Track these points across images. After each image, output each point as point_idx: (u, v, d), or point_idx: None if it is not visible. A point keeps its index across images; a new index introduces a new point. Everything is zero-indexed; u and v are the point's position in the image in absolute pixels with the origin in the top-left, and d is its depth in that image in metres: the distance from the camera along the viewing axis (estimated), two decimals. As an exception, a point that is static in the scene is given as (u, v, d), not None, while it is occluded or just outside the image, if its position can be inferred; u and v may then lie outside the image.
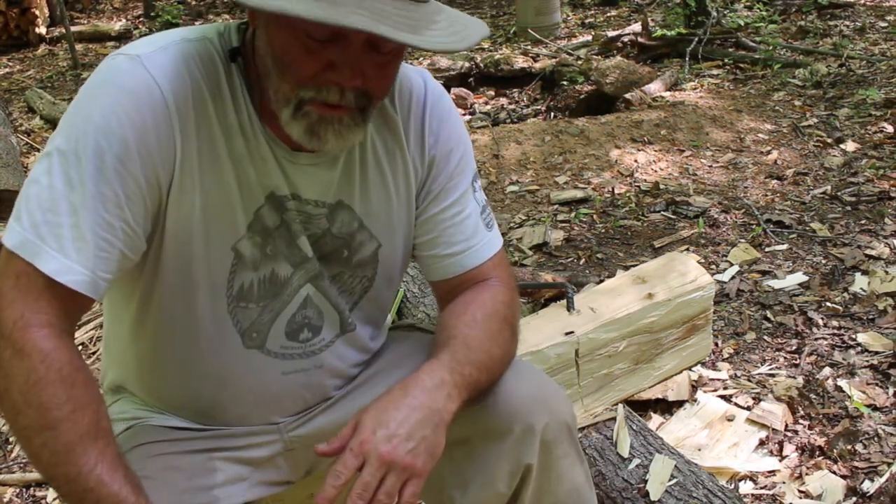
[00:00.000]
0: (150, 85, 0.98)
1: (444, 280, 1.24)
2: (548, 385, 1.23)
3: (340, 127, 1.00)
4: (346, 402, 1.27)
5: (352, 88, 0.98)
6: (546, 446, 1.16)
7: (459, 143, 1.23)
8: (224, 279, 1.10)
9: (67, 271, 0.95)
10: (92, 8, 11.09)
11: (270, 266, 1.12)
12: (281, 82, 0.99)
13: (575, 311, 1.98)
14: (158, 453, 1.14)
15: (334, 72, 0.96)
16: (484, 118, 5.58)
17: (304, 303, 1.17)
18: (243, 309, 1.13)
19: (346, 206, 1.16)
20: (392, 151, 1.18)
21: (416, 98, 1.20)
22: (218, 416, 1.21)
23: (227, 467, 1.18)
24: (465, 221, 1.22)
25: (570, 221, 3.48)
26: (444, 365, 1.08)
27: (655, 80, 5.21)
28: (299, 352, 1.19)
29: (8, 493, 2.09)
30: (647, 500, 1.72)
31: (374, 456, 0.99)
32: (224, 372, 1.17)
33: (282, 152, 1.08)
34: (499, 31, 8.16)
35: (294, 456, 1.27)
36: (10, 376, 0.94)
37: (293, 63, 0.97)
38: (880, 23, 6.52)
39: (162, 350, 1.16)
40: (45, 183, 0.96)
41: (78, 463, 0.94)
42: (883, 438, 1.96)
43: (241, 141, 1.06)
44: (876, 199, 3.38)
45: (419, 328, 1.43)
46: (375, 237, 1.20)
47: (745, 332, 2.51)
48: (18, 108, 6.43)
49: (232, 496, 1.17)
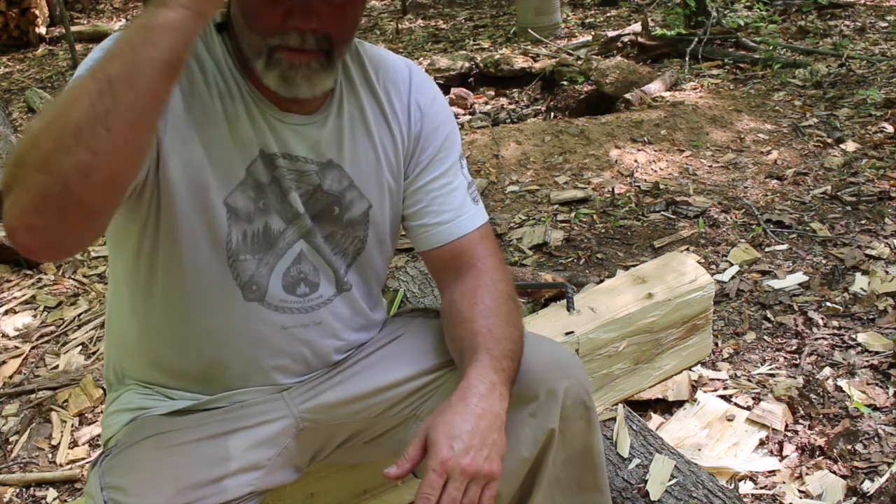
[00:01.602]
0: None
1: (434, 249, 1.29)
2: (563, 351, 1.29)
3: (309, 72, 1.09)
4: (355, 380, 1.30)
5: (310, 31, 1.07)
6: (566, 409, 1.19)
7: (446, 122, 1.31)
8: (223, 233, 1.15)
9: None
10: (92, 8, 11.09)
11: (264, 219, 1.18)
12: (251, 34, 1.09)
13: (575, 311, 1.98)
14: (166, 445, 1.14)
15: (293, 17, 1.06)
16: (484, 118, 5.58)
17: (298, 258, 1.22)
18: (242, 262, 1.18)
19: (336, 166, 1.22)
20: (379, 118, 1.26)
21: (401, 77, 1.29)
22: (220, 377, 1.24)
23: (238, 455, 1.19)
24: (453, 192, 1.29)
25: (570, 221, 3.48)
26: (487, 366, 1.12)
27: (655, 80, 5.22)
28: (298, 306, 1.24)
29: (8, 493, 2.09)
30: (647, 500, 1.72)
31: (458, 471, 1.03)
32: (225, 326, 1.20)
33: (272, 112, 1.16)
34: (499, 31, 8.16)
35: (304, 437, 1.28)
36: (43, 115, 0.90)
37: (258, 15, 1.07)
38: (880, 23, 6.53)
39: (164, 313, 1.20)
40: None
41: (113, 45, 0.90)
42: (883, 438, 1.96)
43: (230, 102, 1.14)
44: (876, 199, 3.38)
45: (423, 310, 1.46)
46: (366, 197, 1.26)
47: (745, 332, 2.51)
48: (18, 108, 6.44)
49: (241, 487, 1.17)
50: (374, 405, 1.30)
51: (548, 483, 1.22)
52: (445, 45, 7.87)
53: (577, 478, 1.26)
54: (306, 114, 1.18)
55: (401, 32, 8.93)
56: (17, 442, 2.28)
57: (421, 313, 1.45)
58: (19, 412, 2.41)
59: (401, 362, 1.31)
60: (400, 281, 2.52)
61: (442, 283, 1.30)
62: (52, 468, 2.17)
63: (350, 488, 1.59)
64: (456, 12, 9.97)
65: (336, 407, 1.29)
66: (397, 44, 8.26)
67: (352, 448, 1.35)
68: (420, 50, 7.74)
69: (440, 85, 6.68)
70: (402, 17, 9.84)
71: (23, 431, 2.33)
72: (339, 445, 1.34)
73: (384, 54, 1.30)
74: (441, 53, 7.19)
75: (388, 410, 1.31)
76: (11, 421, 2.38)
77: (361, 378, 1.30)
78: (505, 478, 1.21)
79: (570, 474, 1.25)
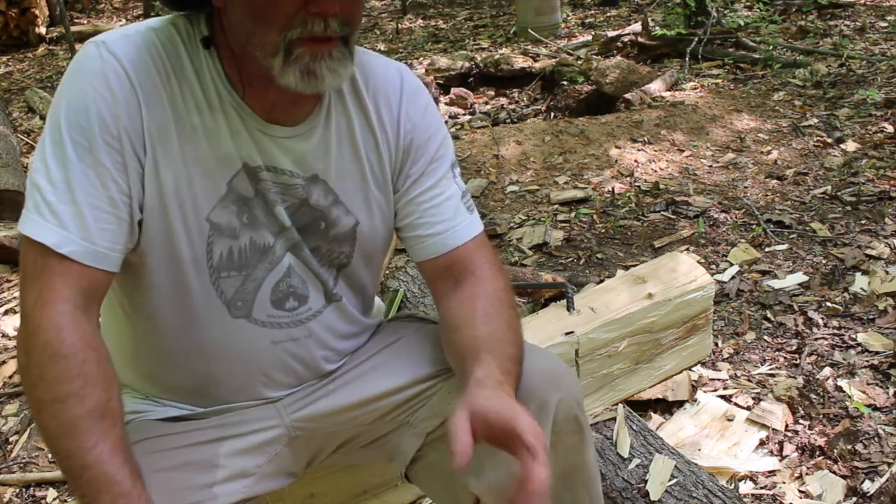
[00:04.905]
0: (114, 65, 1.06)
1: (430, 260, 1.27)
2: (557, 363, 1.26)
3: (332, 62, 1.06)
4: (347, 388, 1.29)
5: (333, 16, 1.04)
6: (558, 423, 1.17)
7: (438, 132, 1.28)
8: (203, 250, 1.13)
9: (68, 243, 1.02)
10: (92, 8, 11.09)
11: (249, 234, 1.16)
12: (266, 33, 1.04)
13: (575, 311, 1.98)
14: (158, 450, 1.14)
15: (315, 3, 1.02)
16: (484, 118, 5.58)
17: (287, 272, 1.20)
18: (225, 278, 1.16)
19: (321, 181, 1.20)
20: (365, 132, 1.23)
21: (392, 85, 1.25)
22: (213, 392, 1.23)
23: (231, 461, 1.19)
24: (445, 203, 1.26)
25: (570, 221, 3.47)
26: (493, 367, 1.10)
27: (655, 80, 5.22)
28: (287, 320, 1.22)
29: (8, 493, 2.09)
30: (647, 500, 1.72)
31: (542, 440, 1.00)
32: (214, 344, 1.19)
33: (256, 124, 1.13)
34: (499, 31, 8.16)
35: (297, 444, 1.27)
36: (29, 351, 1.00)
37: (274, 9, 1.02)
38: (880, 23, 6.53)
39: (154, 330, 1.19)
40: (41, 169, 1.04)
41: (80, 438, 0.97)
42: (883, 438, 1.96)
43: (209, 115, 1.11)
44: (876, 199, 3.38)
45: (418, 318, 1.44)
46: (352, 213, 1.23)
47: (745, 332, 2.51)
48: (18, 108, 6.44)
49: (234, 493, 1.17)
50: (368, 413, 1.29)
51: None
52: (445, 44, 7.87)
53: (571, 493, 1.23)
54: (292, 125, 1.15)
55: (401, 32, 8.93)
56: (17, 442, 2.28)
57: (416, 319, 1.43)
58: (19, 412, 2.41)
59: (394, 371, 1.29)
60: (400, 281, 2.52)
61: (438, 292, 1.28)
62: (52, 468, 2.17)
63: (350, 488, 1.59)
64: (456, 12, 9.97)
65: (329, 416, 1.27)
66: (397, 44, 8.26)
67: (348, 451, 1.34)
68: (420, 50, 7.74)
69: (440, 85, 6.67)
70: (402, 17, 9.84)
71: (23, 431, 2.33)
72: (334, 450, 1.33)
73: (375, 61, 1.26)
74: (441, 53, 7.19)
75: (382, 418, 1.29)
76: (11, 421, 2.38)
77: (354, 387, 1.29)
78: (496, 492, 1.20)
79: (564, 490, 1.22)
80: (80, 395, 0.98)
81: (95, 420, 0.98)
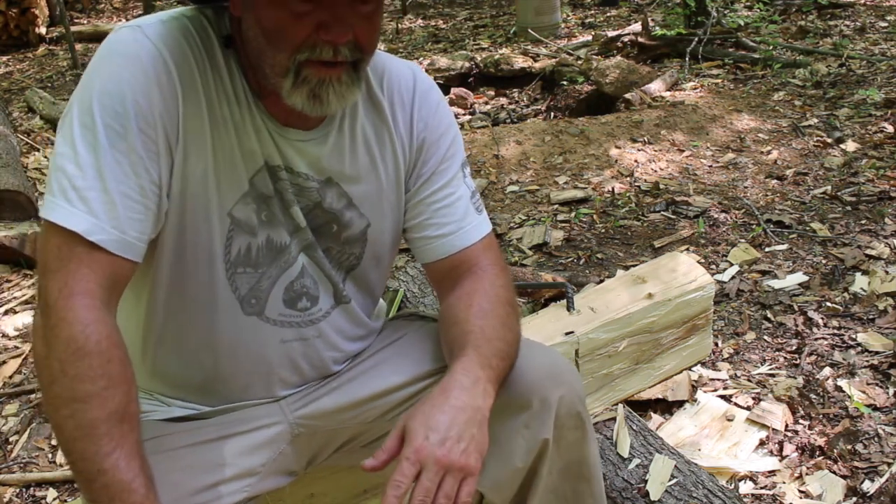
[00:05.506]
0: (152, 50, 1.03)
1: (436, 261, 1.27)
2: (559, 359, 1.27)
3: (339, 86, 1.05)
4: (350, 386, 1.29)
5: (345, 44, 1.03)
6: (560, 419, 1.18)
7: (449, 130, 1.28)
8: (222, 245, 1.13)
9: (98, 231, 0.98)
10: (92, 8, 11.10)
11: (266, 232, 1.15)
12: (276, 54, 1.03)
13: (575, 311, 1.98)
14: (163, 450, 1.14)
15: (326, 31, 1.01)
16: (484, 118, 5.59)
17: (301, 272, 1.20)
18: (241, 274, 1.15)
19: (335, 184, 1.19)
20: (380, 133, 1.22)
21: (405, 85, 1.25)
22: (219, 389, 1.23)
23: (237, 459, 1.19)
24: (455, 203, 1.26)
25: (569, 221, 3.48)
26: (474, 361, 1.11)
27: (655, 79, 5.22)
28: (298, 320, 1.22)
29: (8, 493, 2.09)
30: (647, 500, 1.72)
31: (432, 461, 1.00)
32: (224, 340, 1.18)
33: (273, 126, 1.12)
34: (499, 31, 8.17)
35: (299, 442, 1.27)
36: (51, 344, 0.96)
37: (285, 31, 1.01)
38: (880, 23, 6.53)
39: (163, 323, 1.18)
40: (69, 153, 1.00)
41: (98, 442, 0.95)
42: (883, 438, 1.96)
43: (238, 109, 1.10)
44: (876, 199, 3.38)
45: (421, 316, 1.45)
46: (365, 216, 1.23)
47: (745, 332, 2.51)
48: (18, 108, 6.43)
49: (239, 491, 1.17)
50: (370, 410, 1.29)
51: (543, 493, 1.21)
52: (445, 44, 7.88)
53: (572, 488, 1.24)
54: (307, 129, 1.15)
55: (401, 32, 8.93)
56: (17, 442, 2.28)
57: (418, 317, 1.44)
58: (19, 412, 2.41)
59: (397, 368, 1.30)
60: (400, 281, 2.51)
61: (442, 291, 1.28)
62: (52, 468, 2.17)
63: (350, 488, 1.59)
64: (456, 12, 9.97)
65: (332, 413, 1.28)
66: (397, 44, 8.26)
67: (349, 451, 1.35)
68: (420, 50, 7.74)
69: (440, 85, 6.71)
70: (402, 17, 9.84)
71: (23, 431, 2.33)
72: (336, 450, 1.33)
73: (389, 62, 1.26)
74: (441, 53, 7.19)
75: (385, 415, 1.30)
76: (11, 421, 2.38)
77: (357, 384, 1.29)
78: (499, 488, 1.21)
79: (565, 484, 1.23)
80: (103, 397, 0.95)
81: (115, 424, 0.95)
